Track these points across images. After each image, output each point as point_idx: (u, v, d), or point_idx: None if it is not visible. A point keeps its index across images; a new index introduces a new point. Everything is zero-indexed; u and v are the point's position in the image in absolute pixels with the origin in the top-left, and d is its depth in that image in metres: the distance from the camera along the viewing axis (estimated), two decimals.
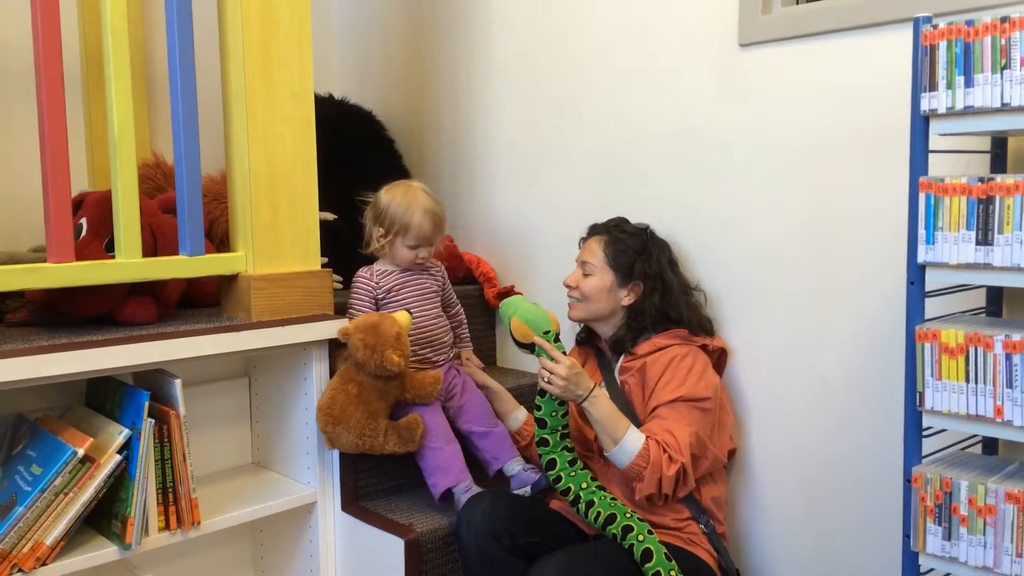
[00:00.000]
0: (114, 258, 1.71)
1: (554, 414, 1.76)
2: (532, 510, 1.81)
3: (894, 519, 1.68)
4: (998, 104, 1.27)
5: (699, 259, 2.01)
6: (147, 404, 1.60)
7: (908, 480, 1.40)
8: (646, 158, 2.11)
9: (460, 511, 1.77)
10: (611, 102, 2.18)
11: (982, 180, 1.29)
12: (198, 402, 1.99)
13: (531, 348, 1.77)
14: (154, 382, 1.72)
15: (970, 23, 1.29)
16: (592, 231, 1.96)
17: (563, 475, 1.74)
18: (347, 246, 2.23)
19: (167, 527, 1.67)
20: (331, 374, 1.93)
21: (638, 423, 1.75)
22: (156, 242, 1.83)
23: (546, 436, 1.76)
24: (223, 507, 1.82)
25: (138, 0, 2.37)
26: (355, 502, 1.96)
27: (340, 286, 2.20)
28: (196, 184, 1.77)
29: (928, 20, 1.34)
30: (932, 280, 1.39)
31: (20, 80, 2.18)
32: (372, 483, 1.99)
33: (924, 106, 1.35)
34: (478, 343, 2.41)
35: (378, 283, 1.95)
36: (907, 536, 1.41)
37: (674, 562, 1.61)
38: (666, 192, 2.06)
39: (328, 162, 2.08)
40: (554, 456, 1.76)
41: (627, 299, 1.87)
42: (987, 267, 1.30)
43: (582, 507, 1.71)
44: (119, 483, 1.62)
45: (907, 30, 1.55)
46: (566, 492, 1.73)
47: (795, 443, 1.87)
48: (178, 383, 1.67)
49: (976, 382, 1.31)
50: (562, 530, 1.80)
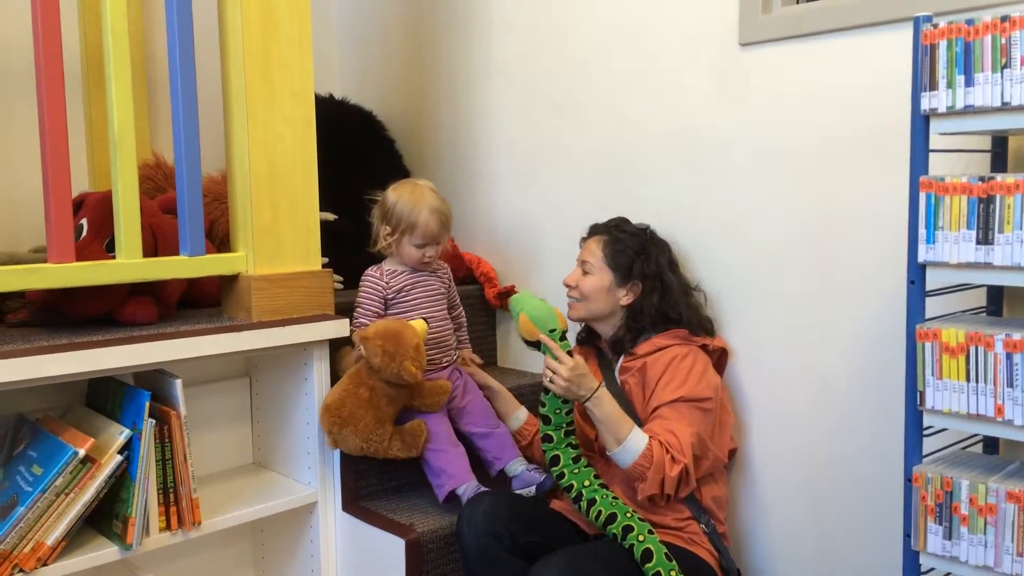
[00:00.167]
0: (114, 258, 1.71)
1: (558, 411, 1.76)
2: (533, 510, 1.81)
3: (895, 518, 1.68)
4: (998, 103, 1.27)
5: (699, 259, 2.01)
6: (148, 404, 1.61)
7: (909, 479, 1.40)
8: (646, 158, 2.11)
9: (461, 511, 1.77)
10: (611, 102, 2.18)
11: (982, 179, 1.29)
12: (199, 402, 1.99)
13: (538, 345, 1.77)
14: (155, 382, 1.72)
15: (970, 22, 1.29)
16: (592, 231, 1.96)
17: (566, 471, 1.75)
18: (348, 246, 2.24)
19: (168, 527, 1.68)
20: (332, 374, 1.93)
21: (638, 423, 1.75)
22: (156, 242, 1.83)
23: (550, 432, 1.77)
24: (224, 507, 1.82)
25: (138, 0, 2.37)
26: (356, 502, 1.96)
27: (341, 286, 2.20)
28: (196, 184, 1.77)
29: (928, 19, 1.34)
30: (932, 279, 1.39)
31: (20, 80, 2.17)
32: (373, 483, 1.99)
33: (924, 105, 1.35)
34: (478, 343, 2.41)
35: (388, 283, 1.94)
36: (908, 535, 1.41)
37: (674, 562, 1.61)
38: (666, 192, 2.06)
39: (328, 162, 2.08)
40: (558, 452, 1.76)
41: (626, 299, 1.87)
42: (987, 266, 1.30)
43: (584, 505, 1.71)
44: (120, 483, 1.62)
45: (907, 29, 1.55)
46: (569, 489, 1.73)
47: (796, 442, 1.87)
48: (179, 383, 1.67)
49: (977, 381, 1.31)
50: (563, 530, 1.80)
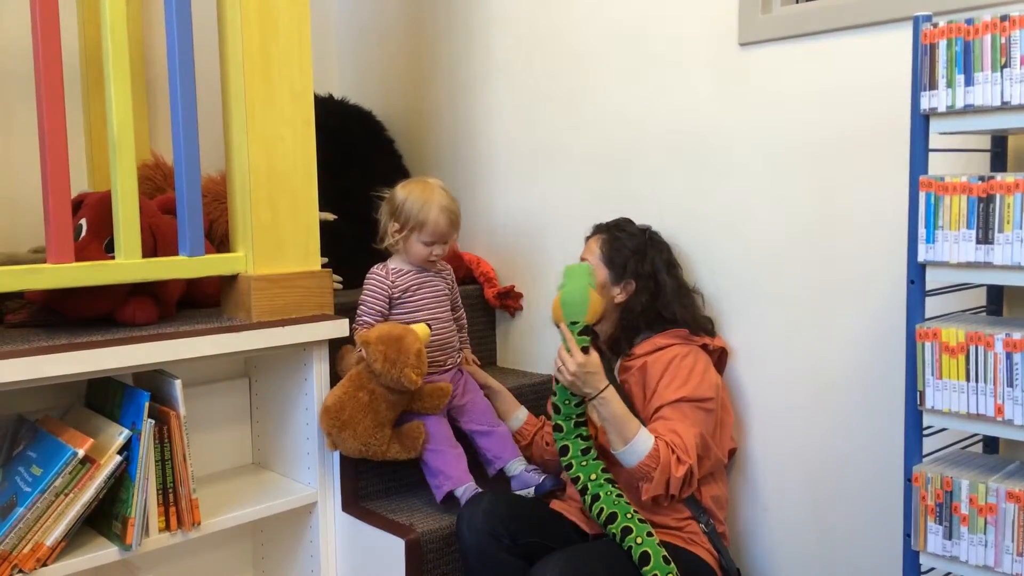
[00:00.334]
0: (114, 259, 1.71)
1: (567, 402, 1.75)
2: (533, 510, 1.81)
3: (895, 518, 1.68)
4: (998, 102, 1.27)
5: (699, 259, 2.01)
6: (147, 405, 1.60)
7: (909, 479, 1.40)
8: (646, 157, 2.10)
9: (460, 510, 1.77)
10: (611, 101, 2.18)
11: (982, 179, 1.28)
12: (198, 402, 1.99)
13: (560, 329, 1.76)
14: (154, 383, 1.72)
15: (970, 21, 1.28)
16: (595, 230, 1.98)
17: (574, 463, 1.74)
18: (347, 246, 2.24)
19: (167, 528, 1.68)
20: (331, 374, 1.93)
21: (641, 423, 1.75)
22: (156, 243, 1.83)
23: (560, 423, 1.77)
24: (223, 507, 1.82)
25: (138, 0, 2.36)
26: (356, 502, 1.96)
27: (340, 286, 2.20)
28: (196, 184, 1.77)
29: (928, 19, 1.34)
30: (932, 279, 1.38)
31: (20, 80, 2.17)
32: (372, 483, 1.99)
33: (924, 105, 1.35)
34: (478, 343, 2.41)
35: (393, 282, 1.93)
36: (908, 535, 1.41)
37: (673, 565, 1.61)
38: (666, 192, 2.06)
39: (328, 162, 2.08)
40: (567, 443, 1.76)
41: (620, 296, 1.87)
42: (987, 266, 1.30)
43: (587, 499, 1.71)
44: (119, 484, 1.62)
45: (907, 29, 1.55)
46: (575, 480, 1.73)
47: (796, 442, 1.87)
48: (178, 384, 1.67)
49: (977, 381, 1.31)
50: (563, 530, 1.80)
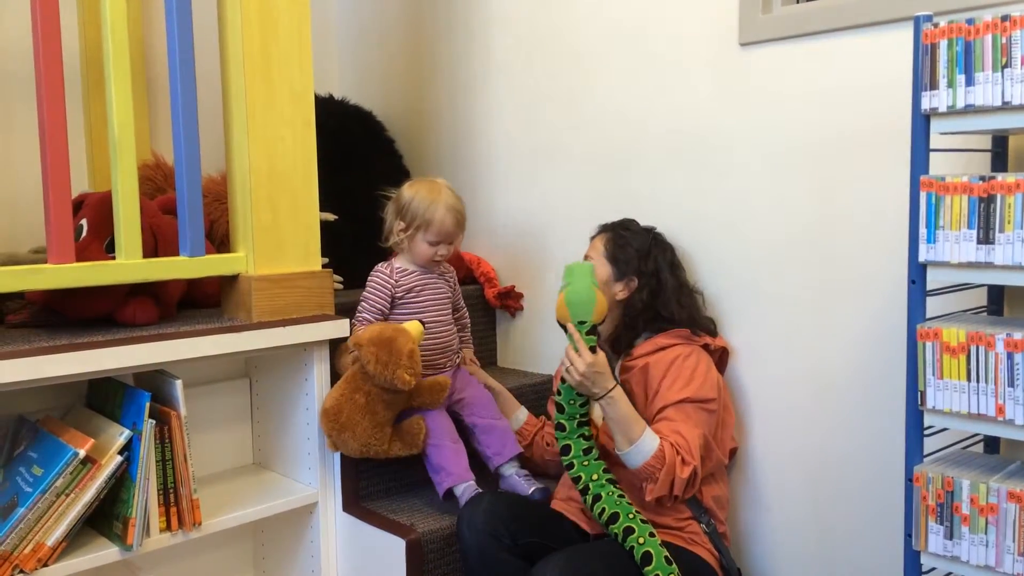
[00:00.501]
0: (114, 259, 1.71)
1: (572, 402, 1.75)
2: (533, 510, 1.81)
3: (896, 518, 1.68)
4: (999, 102, 1.27)
5: (699, 259, 2.01)
6: (148, 405, 1.60)
7: (910, 479, 1.40)
8: (646, 157, 2.10)
9: (461, 510, 1.77)
10: (611, 101, 2.18)
11: (983, 179, 1.28)
12: (199, 403, 1.99)
13: (566, 329, 1.76)
14: (155, 383, 1.72)
15: (971, 21, 1.28)
16: (600, 229, 1.98)
17: (576, 462, 1.74)
18: (347, 246, 2.23)
19: (168, 528, 1.68)
20: (332, 374, 1.93)
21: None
22: (156, 243, 1.83)
23: (563, 422, 1.76)
24: (224, 508, 1.82)
25: (138, 0, 2.36)
26: (356, 502, 1.96)
27: (341, 286, 2.20)
28: (196, 184, 1.77)
29: (928, 19, 1.34)
30: (933, 279, 1.38)
31: (20, 81, 2.17)
32: (373, 483, 1.99)
33: (925, 105, 1.35)
34: (479, 343, 2.41)
35: (397, 281, 1.93)
36: (909, 535, 1.41)
37: (675, 565, 1.61)
38: (666, 191, 2.06)
39: (328, 162, 2.08)
40: (569, 442, 1.75)
41: (621, 293, 1.88)
42: (988, 266, 1.30)
43: (589, 499, 1.70)
44: (120, 484, 1.62)
45: (907, 29, 1.55)
46: (577, 480, 1.73)
47: (797, 442, 1.87)
48: (179, 384, 1.67)
49: (977, 381, 1.31)
50: (563, 530, 1.80)
